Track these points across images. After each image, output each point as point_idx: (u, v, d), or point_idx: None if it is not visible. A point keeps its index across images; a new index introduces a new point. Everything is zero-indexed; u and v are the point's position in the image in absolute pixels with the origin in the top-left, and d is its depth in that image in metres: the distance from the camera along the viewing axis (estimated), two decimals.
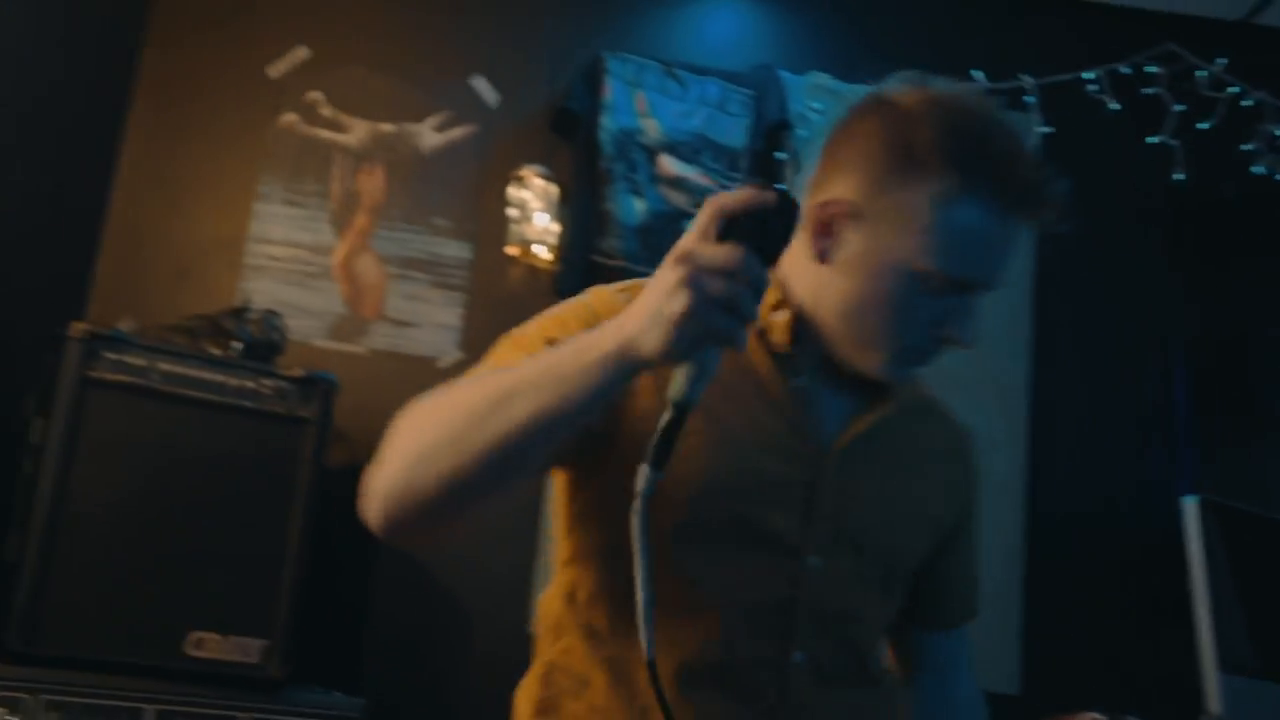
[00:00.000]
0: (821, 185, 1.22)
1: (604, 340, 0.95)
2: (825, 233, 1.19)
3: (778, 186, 0.95)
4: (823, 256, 1.19)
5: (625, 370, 0.95)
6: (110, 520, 2.38)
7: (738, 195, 0.93)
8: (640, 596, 0.91)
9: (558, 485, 1.28)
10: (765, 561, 1.19)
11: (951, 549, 1.40)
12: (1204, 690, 2.29)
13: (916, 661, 1.45)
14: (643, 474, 0.92)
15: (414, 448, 1.03)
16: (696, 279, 0.88)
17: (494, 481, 1.02)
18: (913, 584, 1.36)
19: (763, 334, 1.23)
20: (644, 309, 0.92)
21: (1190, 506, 2.45)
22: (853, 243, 1.17)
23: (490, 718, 1.48)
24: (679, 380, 0.92)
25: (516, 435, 0.98)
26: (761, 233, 0.92)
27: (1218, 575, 2.38)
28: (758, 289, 0.90)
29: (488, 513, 1.07)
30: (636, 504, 0.92)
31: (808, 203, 1.21)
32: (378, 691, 2.80)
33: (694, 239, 0.91)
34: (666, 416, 0.92)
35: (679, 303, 0.88)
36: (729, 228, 0.92)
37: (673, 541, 1.15)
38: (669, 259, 0.92)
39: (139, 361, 2.47)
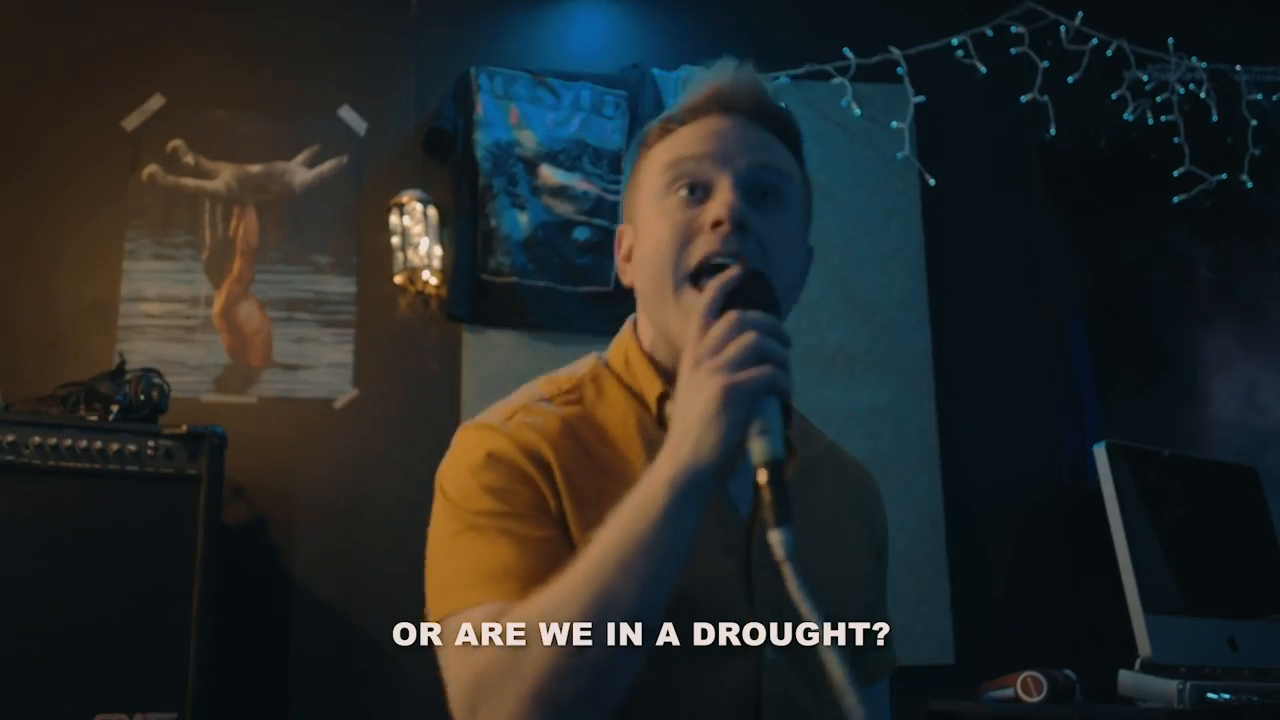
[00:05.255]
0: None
1: (658, 486, 0.94)
2: (626, 259, 1.23)
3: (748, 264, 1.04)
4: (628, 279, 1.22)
5: (698, 492, 0.94)
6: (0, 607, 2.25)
7: (715, 283, 1.01)
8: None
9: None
10: (729, 666, 1.09)
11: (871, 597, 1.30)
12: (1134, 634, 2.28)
13: None
14: (776, 538, 0.87)
15: (555, 690, 0.95)
16: (714, 359, 0.93)
17: (649, 647, 0.98)
18: None
19: (663, 423, 1.13)
20: (684, 426, 0.94)
21: (1100, 452, 2.45)
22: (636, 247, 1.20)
23: None
24: (757, 444, 0.91)
25: (642, 613, 0.95)
26: (743, 299, 0.99)
27: (1134, 517, 2.38)
28: (773, 332, 0.94)
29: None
30: (788, 569, 0.86)
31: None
32: None
33: (693, 343, 0.96)
34: (764, 479, 0.90)
35: (713, 386, 0.92)
36: (720, 311, 0.98)
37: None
38: (682, 373, 0.96)
39: (8, 437, 2.35)
